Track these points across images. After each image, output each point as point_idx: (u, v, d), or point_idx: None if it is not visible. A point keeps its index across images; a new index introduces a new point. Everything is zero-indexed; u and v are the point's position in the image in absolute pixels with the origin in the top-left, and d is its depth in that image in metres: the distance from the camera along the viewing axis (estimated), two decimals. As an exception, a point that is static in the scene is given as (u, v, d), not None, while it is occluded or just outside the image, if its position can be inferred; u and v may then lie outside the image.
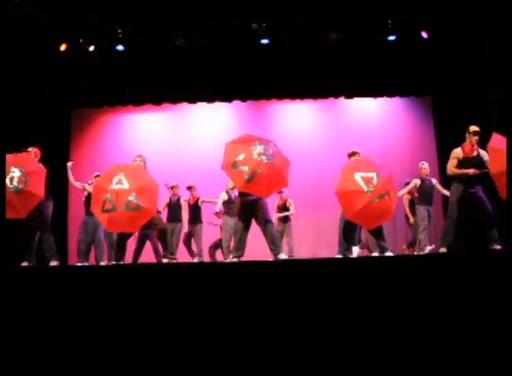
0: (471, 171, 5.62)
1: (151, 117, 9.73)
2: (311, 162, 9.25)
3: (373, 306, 4.09)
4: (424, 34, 8.14)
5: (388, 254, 5.87)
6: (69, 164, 6.94)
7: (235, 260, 5.67)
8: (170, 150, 9.37)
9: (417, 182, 7.19)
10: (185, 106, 9.52)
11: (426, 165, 7.27)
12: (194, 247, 7.74)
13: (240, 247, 5.70)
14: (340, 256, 6.04)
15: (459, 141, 6.04)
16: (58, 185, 8.66)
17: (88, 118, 9.68)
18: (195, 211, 7.63)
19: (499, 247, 5.62)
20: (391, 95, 9.27)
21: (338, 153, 9.39)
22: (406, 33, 8.17)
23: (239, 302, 4.20)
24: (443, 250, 5.76)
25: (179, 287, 4.35)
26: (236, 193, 6.58)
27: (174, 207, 7.40)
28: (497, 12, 7.13)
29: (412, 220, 7.52)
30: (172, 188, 7.55)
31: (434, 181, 7.29)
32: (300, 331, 4.01)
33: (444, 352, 3.83)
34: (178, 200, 7.46)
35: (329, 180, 8.38)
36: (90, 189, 6.90)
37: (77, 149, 9.57)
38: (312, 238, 8.23)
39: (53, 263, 5.98)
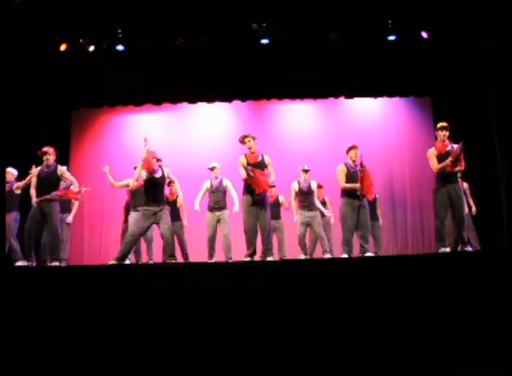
0: (448, 160, 5.64)
1: (151, 117, 9.73)
2: (311, 162, 9.23)
3: (373, 306, 4.09)
4: (424, 34, 8.14)
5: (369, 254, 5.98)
6: (105, 168, 7.11)
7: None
8: (170, 149, 9.34)
9: None
10: (185, 106, 9.52)
11: None
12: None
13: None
14: (345, 256, 6.04)
15: (458, 141, 6.04)
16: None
17: (88, 118, 9.68)
18: (174, 208, 7.42)
19: (470, 248, 5.64)
20: (391, 95, 9.28)
21: (338, 153, 9.42)
22: (406, 33, 8.17)
23: (239, 302, 4.20)
24: (443, 250, 5.77)
25: (179, 287, 4.36)
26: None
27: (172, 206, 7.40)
28: (497, 12, 7.13)
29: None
30: (169, 184, 7.55)
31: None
32: (299, 331, 4.01)
33: (444, 351, 3.83)
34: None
35: (329, 180, 8.39)
36: (134, 183, 6.94)
37: (77, 149, 9.57)
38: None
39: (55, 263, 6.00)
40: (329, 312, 4.09)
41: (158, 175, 6.00)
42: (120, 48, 8.32)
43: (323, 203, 7.77)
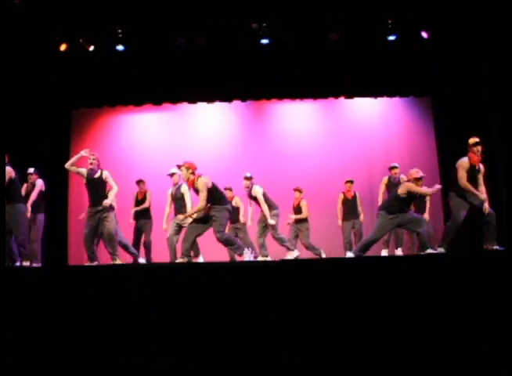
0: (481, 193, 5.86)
1: (151, 117, 9.73)
2: (311, 162, 9.26)
3: (373, 306, 4.09)
4: (424, 34, 8.14)
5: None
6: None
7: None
8: (170, 149, 9.37)
9: None
10: (185, 106, 9.52)
11: None
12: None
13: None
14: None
15: (458, 141, 6.06)
16: (58, 185, 8.70)
17: (88, 118, 9.68)
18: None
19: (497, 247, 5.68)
20: (391, 95, 9.27)
21: (338, 153, 9.44)
22: (406, 33, 8.17)
23: (238, 302, 4.20)
24: (441, 250, 5.79)
25: (179, 288, 4.35)
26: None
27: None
28: (497, 12, 7.13)
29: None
30: (138, 183, 7.63)
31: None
32: (299, 331, 4.01)
33: (444, 351, 3.83)
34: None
35: (329, 179, 8.41)
36: None
37: (77, 149, 9.49)
38: (312, 237, 8.20)
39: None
40: (329, 312, 4.09)
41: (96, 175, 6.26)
42: (120, 48, 8.31)
43: (299, 208, 7.80)
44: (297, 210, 7.79)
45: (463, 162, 5.86)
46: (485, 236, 5.83)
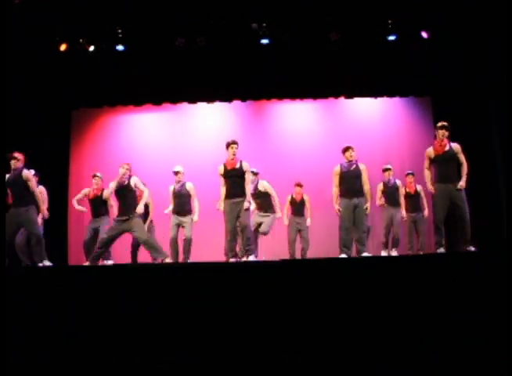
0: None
1: (151, 117, 9.73)
2: (310, 162, 9.26)
3: (373, 306, 4.09)
4: (424, 34, 8.14)
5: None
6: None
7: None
8: (170, 149, 9.38)
9: None
10: (185, 106, 9.52)
11: None
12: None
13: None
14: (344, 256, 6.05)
15: (458, 141, 6.04)
16: (58, 185, 8.70)
17: (88, 118, 9.67)
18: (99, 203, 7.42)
19: (472, 248, 5.62)
20: (391, 95, 9.27)
21: (338, 153, 9.42)
22: (406, 33, 8.17)
23: (238, 302, 4.20)
24: (441, 250, 5.77)
25: (179, 288, 4.35)
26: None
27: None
28: (497, 12, 7.13)
29: None
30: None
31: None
32: (299, 331, 4.01)
33: (444, 351, 3.83)
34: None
35: (328, 180, 8.39)
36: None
37: (77, 149, 9.57)
38: (312, 237, 8.20)
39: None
40: (329, 312, 4.09)
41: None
42: (120, 48, 8.31)
43: (302, 201, 7.88)
44: (300, 204, 7.86)
45: (427, 151, 5.88)
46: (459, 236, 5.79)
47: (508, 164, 7.56)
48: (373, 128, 9.51)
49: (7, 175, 6.16)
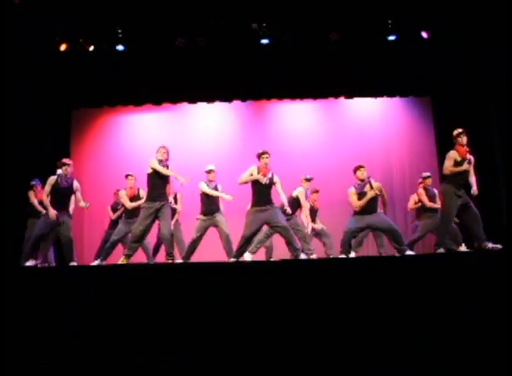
0: (464, 166, 5.76)
1: (151, 117, 9.73)
2: (311, 162, 9.25)
3: (373, 306, 4.09)
4: (424, 34, 8.14)
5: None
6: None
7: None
8: (170, 149, 9.37)
9: None
10: (185, 106, 9.52)
11: None
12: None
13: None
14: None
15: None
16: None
17: (88, 118, 9.68)
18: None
19: (490, 245, 5.66)
20: (391, 95, 9.27)
21: (338, 153, 9.44)
22: (406, 33, 8.17)
23: (238, 302, 4.20)
24: (441, 250, 5.78)
25: (179, 288, 4.35)
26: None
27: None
28: (497, 12, 7.13)
29: None
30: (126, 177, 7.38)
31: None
32: (299, 331, 4.01)
33: (444, 351, 3.83)
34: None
35: (328, 180, 8.40)
36: None
37: (77, 149, 9.56)
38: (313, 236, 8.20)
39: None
40: (330, 313, 4.09)
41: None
42: (120, 48, 8.31)
43: (315, 210, 7.77)
44: (317, 211, 7.75)
45: (452, 153, 5.86)
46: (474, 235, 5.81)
47: (508, 164, 7.56)
48: (373, 128, 9.51)
49: (53, 177, 6.27)
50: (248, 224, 6.03)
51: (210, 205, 6.82)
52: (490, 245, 5.67)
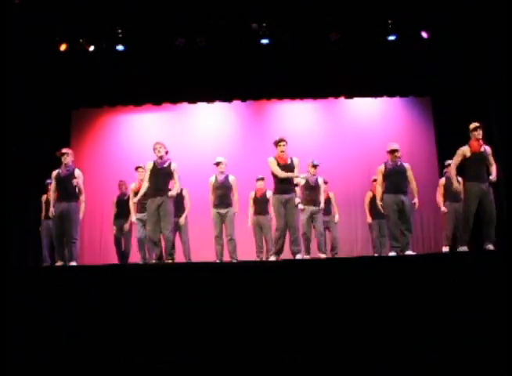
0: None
1: (151, 117, 9.73)
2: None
3: (373, 306, 4.09)
4: (424, 34, 8.14)
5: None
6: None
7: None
8: (170, 149, 9.36)
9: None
10: (185, 106, 9.52)
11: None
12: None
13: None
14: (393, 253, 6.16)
15: (458, 141, 6.05)
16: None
17: (88, 118, 9.68)
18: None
19: (492, 247, 5.65)
20: (391, 95, 9.27)
21: (338, 153, 9.44)
22: (406, 33, 8.17)
23: (239, 302, 4.20)
24: (464, 248, 5.78)
25: (179, 288, 4.35)
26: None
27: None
28: (497, 12, 7.13)
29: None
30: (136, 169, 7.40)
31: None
32: (299, 331, 4.01)
33: (444, 351, 3.83)
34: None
35: (328, 180, 8.38)
36: None
37: (77, 149, 9.54)
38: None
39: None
40: (330, 313, 4.09)
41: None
42: (120, 48, 8.32)
43: (328, 200, 7.74)
44: (326, 202, 7.58)
45: (461, 150, 5.92)
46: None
47: (508, 164, 7.56)
48: (373, 128, 9.51)
49: (57, 171, 6.21)
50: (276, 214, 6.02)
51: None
52: (490, 247, 5.66)
